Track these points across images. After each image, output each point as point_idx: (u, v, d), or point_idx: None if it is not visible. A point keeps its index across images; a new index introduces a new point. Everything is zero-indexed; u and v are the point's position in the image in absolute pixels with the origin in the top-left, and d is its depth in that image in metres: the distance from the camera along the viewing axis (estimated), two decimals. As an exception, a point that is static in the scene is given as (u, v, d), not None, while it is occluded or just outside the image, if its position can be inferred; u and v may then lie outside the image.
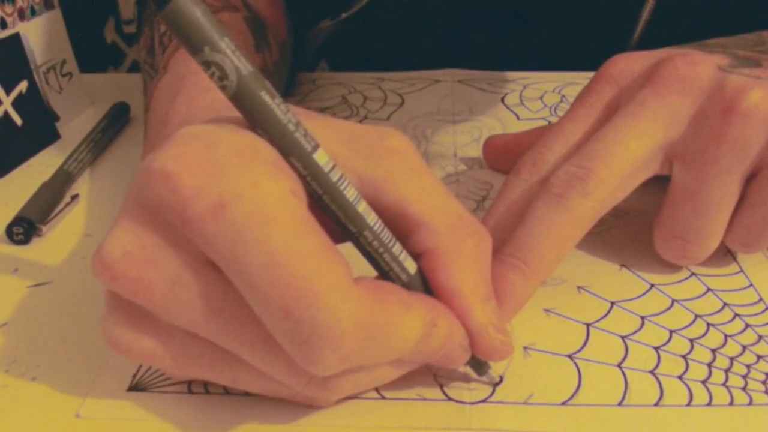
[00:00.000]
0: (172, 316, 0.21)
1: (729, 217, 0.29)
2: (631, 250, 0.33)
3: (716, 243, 0.30)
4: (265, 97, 0.21)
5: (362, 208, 0.22)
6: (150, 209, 0.21)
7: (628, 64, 0.31)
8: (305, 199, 0.22)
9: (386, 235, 0.23)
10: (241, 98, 0.21)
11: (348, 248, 0.23)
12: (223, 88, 0.21)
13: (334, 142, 0.23)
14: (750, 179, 0.29)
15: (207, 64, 0.20)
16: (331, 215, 0.22)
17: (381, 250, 0.23)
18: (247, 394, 0.25)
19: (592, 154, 0.29)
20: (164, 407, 0.25)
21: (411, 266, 0.23)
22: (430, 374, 0.26)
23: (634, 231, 0.34)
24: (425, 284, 0.24)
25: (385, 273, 0.23)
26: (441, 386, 0.25)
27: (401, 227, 0.24)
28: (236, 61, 0.20)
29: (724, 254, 0.33)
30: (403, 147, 0.24)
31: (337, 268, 0.20)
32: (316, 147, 0.22)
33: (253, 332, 0.21)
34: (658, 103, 0.29)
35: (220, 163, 0.20)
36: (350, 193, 0.22)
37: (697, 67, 0.29)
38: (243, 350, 0.22)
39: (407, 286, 0.23)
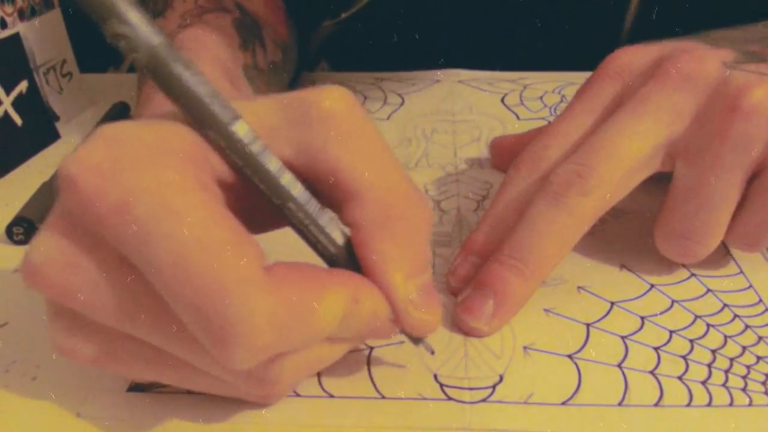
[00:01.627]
0: (100, 317, 0.21)
1: (731, 216, 0.29)
2: (631, 250, 0.33)
3: (717, 241, 0.30)
4: (178, 67, 0.20)
5: (286, 179, 0.22)
6: (64, 214, 0.21)
7: (631, 59, 0.31)
8: (218, 191, 0.21)
9: (312, 207, 0.22)
10: (153, 70, 0.20)
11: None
12: (135, 61, 0.20)
13: (273, 113, 0.23)
14: (753, 178, 0.29)
15: (116, 38, 0.20)
16: (256, 187, 0.22)
17: (307, 222, 0.22)
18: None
19: (592, 152, 0.28)
20: (164, 407, 0.25)
21: (338, 237, 0.23)
22: (430, 374, 0.26)
23: (634, 231, 0.34)
24: (354, 258, 0.23)
25: (313, 245, 0.23)
26: (441, 386, 0.25)
27: (335, 197, 0.23)
28: (146, 31, 0.20)
29: (724, 255, 0.33)
30: (339, 109, 0.22)
31: (247, 260, 0.19)
32: (235, 118, 0.21)
33: (179, 329, 0.20)
34: (662, 100, 0.29)
35: (123, 161, 0.20)
36: (273, 165, 0.21)
37: (701, 63, 0.29)
38: (173, 347, 0.21)
39: (334, 258, 0.23)
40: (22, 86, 0.44)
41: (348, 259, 0.23)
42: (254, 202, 0.22)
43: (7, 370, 0.27)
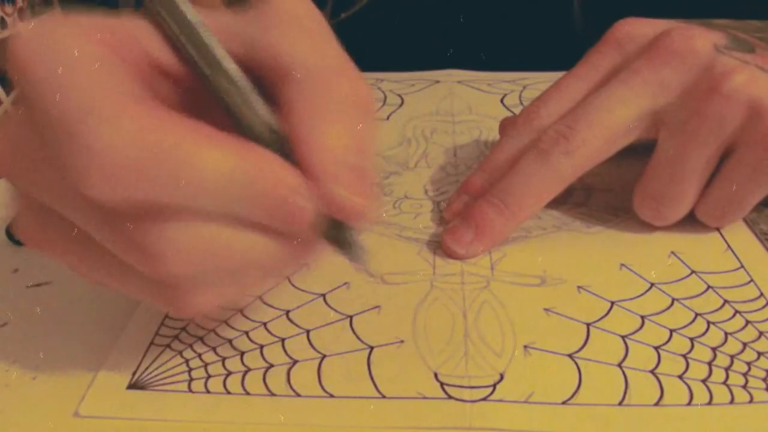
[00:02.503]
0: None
1: (701, 188, 0.32)
2: (631, 250, 0.33)
3: (686, 209, 0.33)
4: None
5: (220, 53, 0.21)
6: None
7: (634, 29, 0.34)
8: (134, 71, 0.21)
9: (245, 84, 0.21)
10: None
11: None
12: None
13: (231, 14, 0.23)
14: (725, 156, 0.31)
15: None
16: (190, 62, 0.22)
17: (238, 100, 0.21)
18: (247, 393, 0.25)
19: (580, 115, 0.31)
20: (164, 406, 0.25)
21: (272, 120, 0.22)
22: (430, 373, 0.26)
23: (634, 231, 0.34)
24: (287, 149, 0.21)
25: (245, 129, 0.21)
26: (441, 385, 0.25)
27: (273, 81, 0.22)
28: None
29: (725, 250, 0.33)
30: (294, 6, 0.23)
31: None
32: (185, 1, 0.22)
33: (60, 184, 0.20)
34: (651, 74, 0.31)
35: (53, 34, 0.20)
36: (207, 37, 0.21)
37: (692, 41, 0.31)
38: (59, 206, 0.21)
39: (267, 143, 0.21)
40: (22, 86, 0.44)
41: (277, 147, 0.21)
42: (198, 102, 0.22)
43: (7, 370, 0.27)
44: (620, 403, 0.24)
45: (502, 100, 0.50)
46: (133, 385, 0.25)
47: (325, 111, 0.21)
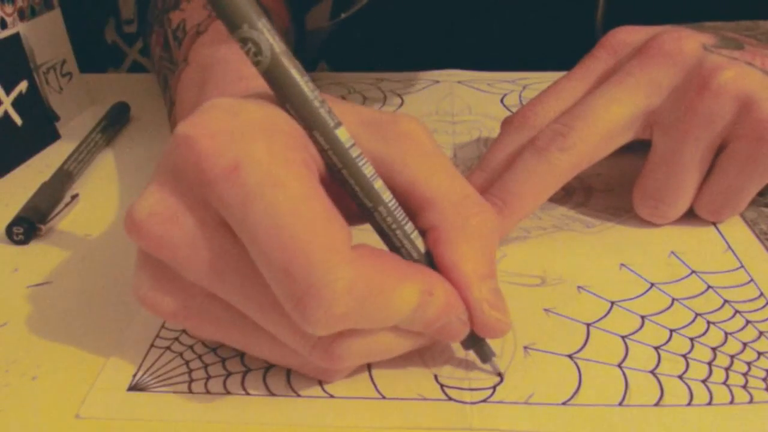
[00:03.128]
0: (191, 274, 0.23)
1: (698, 184, 0.33)
2: (631, 250, 0.33)
3: (685, 206, 0.34)
4: (295, 74, 0.23)
5: (378, 185, 0.24)
6: (173, 172, 0.22)
7: (627, 36, 0.35)
8: (317, 171, 0.23)
9: (399, 213, 0.24)
10: (273, 73, 0.23)
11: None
12: (257, 63, 0.22)
13: (354, 124, 0.25)
14: (719, 151, 0.32)
15: (244, 41, 0.22)
16: (349, 190, 0.24)
17: (394, 226, 0.24)
18: (247, 393, 0.25)
19: (576, 114, 0.32)
20: (164, 407, 0.25)
21: (421, 245, 0.24)
22: (430, 374, 0.26)
23: (634, 231, 0.34)
24: (433, 265, 0.24)
25: (396, 249, 0.24)
26: (442, 386, 0.25)
27: (410, 206, 0.25)
28: (271, 39, 0.22)
29: (725, 250, 0.33)
30: (415, 131, 0.25)
31: (337, 233, 0.21)
32: (338, 124, 0.23)
33: (262, 292, 0.22)
34: (643, 74, 0.32)
35: (238, 131, 0.22)
36: (368, 170, 0.23)
37: (681, 42, 0.32)
38: (252, 310, 0.23)
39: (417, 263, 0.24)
40: (22, 86, 0.44)
41: (428, 266, 0.24)
42: (337, 206, 0.23)
43: (7, 370, 0.27)
44: (620, 404, 0.24)
45: (501, 100, 0.50)
46: (133, 387, 0.25)
47: (468, 240, 0.24)
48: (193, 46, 0.36)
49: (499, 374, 0.26)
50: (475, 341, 0.25)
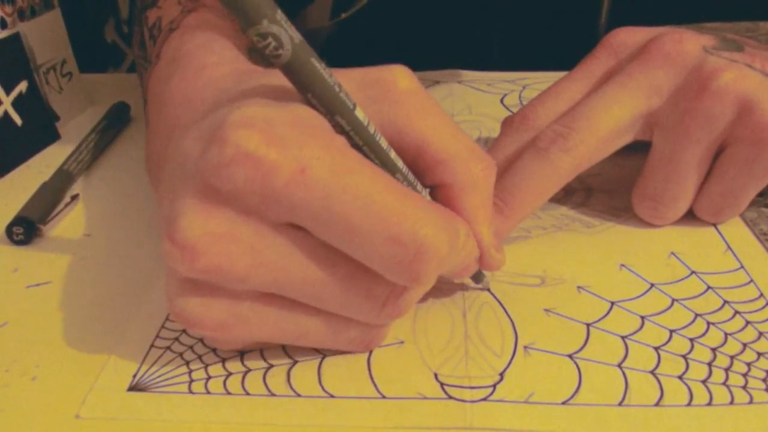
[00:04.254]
0: (254, 282, 0.23)
1: (698, 185, 0.33)
2: (631, 251, 0.33)
3: (685, 207, 0.34)
4: (315, 63, 0.23)
5: (393, 154, 0.25)
6: (225, 189, 0.22)
7: (628, 37, 0.35)
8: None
9: (411, 177, 0.26)
10: (294, 65, 0.23)
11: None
12: (276, 57, 0.22)
13: (355, 92, 0.25)
14: (719, 153, 0.32)
15: (264, 36, 0.22)
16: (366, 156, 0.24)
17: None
18: (247, 393, 0.25)
19: (577, 115, 0.32)
20: (164, 407, 0.25)
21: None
22: (430, 373, 0.26)
23: (634, 231, 0.34)
24: None
25: None
26: (442, 385, 0.25)
27: (420, 165, 0.26)
28: (290, 30, 0.22)
29: (725, 251, 0.33)
30: (414, 87, 0.26)
31: (413, 193, 0.23)
32: (355, 105, 0.24)
33: (336, 275, 0.23)
34: (644, 76, 0.32)
35: (284, 136, 0.22)
36: (384, 143, 0.25)
37: (682, 44, 0.32)
38: (325, 295, 0.24)
39: None
40: (22, 86, 0.44)
41: None
42: None
43: (7, 370, 0.27)
44: (620, 404, 0.24)
45: (502, 100, 0.50)
46: (133, 387, 0.25)
47: (477, 194, 0.27)
48: (165, 43, 0.36)
49: (488, 290, 0.30)
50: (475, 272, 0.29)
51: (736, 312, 0.29)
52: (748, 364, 0.26)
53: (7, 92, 0.43)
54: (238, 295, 0.24)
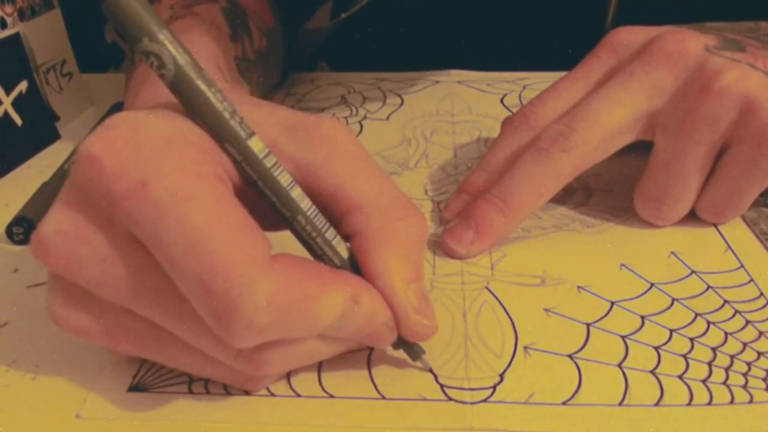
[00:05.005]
0: (103, 291, 0.22)
1: (700, 185, 0.33)
2: (631, 250, 0.33)
3: (687, 207, 0.33)
4: (201, 85, 0.22)
5: (296, 193, 0.23)
6: (80, 191, 0.22)
7: (629, 36, 0.34)
8: (230, 183, 0.23)
9: (320, 221, 0.24)
10: (178, 86, 0.22)
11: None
12: (161, 76, 0.22)
13: (274, 129, 0.24)
14: (721, 153, 0.32)
15: (146, 54, 0.21)
16: (267, 201, 0.23)
17: (314, 234, 0.23)
18: (247, 393, 0.25)
19: (578, 115, 0.32)
20: (164, 407, 0.25)
21: (343, 251, 0.24)
22: (430, 374, 0.26)
23: (634, 231, 0.34)
24: (357, 269, 0.24)
25: (318, 257, 0.24)
26: (441, 386, 0.25)
27: (335, 211, 0.25)
28: (174, 51, 0.21)
29: (725, 250, 0.33)
30: (338, 134, 0.25)
31: (254, 245, 0.21)
32: (251, 134, 0.22)
33: (179, 306, 0.22)
34: (645, 76, 0.32)
35: (143, 146, 0.21)
36: (284, 179, 0.23)
37: (684, 44, 0.32)
38: (171, 324, 0.22)
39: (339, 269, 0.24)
40: (22, 86, 0.44)
41: (351, 271, 0.24)
42: (256, 211, 0.23)
43: (7, 370, 0.27)
44: (620, 404, 0.24)
45: (501, 100, 0.50)
46: (134, 387, 0.25)
47: (394, 245, 0.24)
48: None
49: (431, 370, 0.26)
50: (403, 342, 0.25)
51: (736, 311, 0.29)
52: (749, 364, 0.26)
53: (7, 92, 0.43)
54: (103, 304, 0.23)
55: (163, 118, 0.22)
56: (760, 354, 0.27)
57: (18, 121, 0.44)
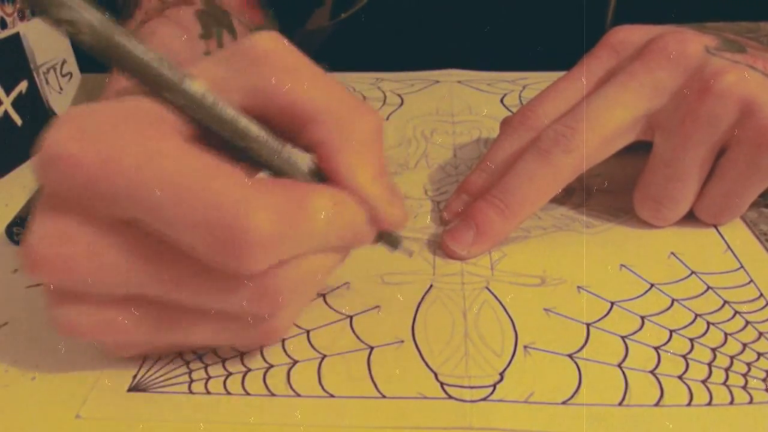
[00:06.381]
0: (102, 285, 0.22)
1: (699, 186, 0.33)
2: (631, 251, 0.33)
3: (686, 208, 0.34)
4: (122, 38, 0.22)
5: (243, 123, 0.23)
6: (51, 194, 0.22)
7: (629, 36, 0.34)
8: (185, 133, 0.23)
9: (273, 142, 0.24)
10: (99, 48, 0.21)
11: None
12: (80, 43, 0.21)
13: (213, 67, 0.24)
14: (720, 155, 0.32)
15: (58, 22, 0.21)
16: (220, 139, 0.23)
17: (273, 156, 0.24)
18: (247, 393, 0.25)
19: (579, 116, 0.32)
20: (164, 407, 0.25)
21: (304, 165, 0.25)
22: (430, 373, 0.26)
23: (634, 231, 0.34)
24: (323, 179, 0.25)
25: (282, 176, 0.24)
26: (442, 385, 0.25)
27: (294, 126, 0.25)
28: (86, 13, 0.21)
29: (725, 251, 0.33)
30: (275, 47, 0.25)
31: (232, 173, 0.21)
32: (184, 76, 0.23)
33: (181, 267, 0.22)
34: (646, 76, 0.32)
35: (98, 127, 0.21)
36: (228, 112, 0.23)
37: (685, 45, 0.32)
38: (176, 290, 0.23)
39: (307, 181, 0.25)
40: (22, 86, 0.44)
41: (317, 182, 0.25)
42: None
43: (7, 370, 0.27)
44: (620, 404, 0.24)
45: (501, 100, 0.50)
46: (134, 387, 0.25)
47: (355, 147, 0.24)
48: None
49: (411, 254, 0.28)
50: (382, 234, 0.26)
51: (736, 312, 0.29)
52: (748, 364, 0.26)
53: (7, 92, 0.43)
54: (103, 299, 0.23)
55: (113, 102, 0.22)
56: (759, 355, 0.27)
57: (18, 121, 0.43)
